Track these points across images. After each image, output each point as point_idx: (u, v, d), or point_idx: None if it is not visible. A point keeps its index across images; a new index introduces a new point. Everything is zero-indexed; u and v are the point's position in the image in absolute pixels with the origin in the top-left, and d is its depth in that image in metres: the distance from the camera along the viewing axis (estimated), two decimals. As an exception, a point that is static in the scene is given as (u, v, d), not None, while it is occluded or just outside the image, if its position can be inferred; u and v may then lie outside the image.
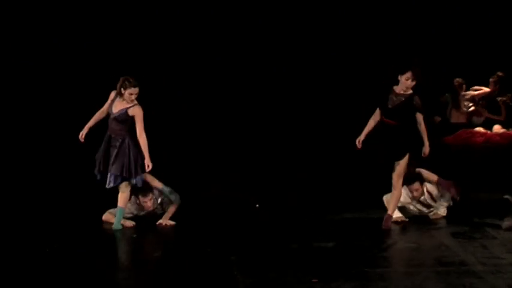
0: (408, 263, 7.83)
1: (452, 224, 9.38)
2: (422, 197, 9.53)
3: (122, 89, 8.96)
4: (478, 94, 12.65)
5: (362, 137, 9.11)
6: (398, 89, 8.97)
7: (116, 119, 9.01)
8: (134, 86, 8.96)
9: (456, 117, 12.67)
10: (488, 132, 12.29)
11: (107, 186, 9.09)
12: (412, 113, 8.90)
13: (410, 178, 9.31)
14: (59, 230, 9.13)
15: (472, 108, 12.57)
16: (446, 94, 12.82)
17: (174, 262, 7.93)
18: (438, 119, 12.84)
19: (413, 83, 8.90)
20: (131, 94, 8.95)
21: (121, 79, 9.03)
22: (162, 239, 9.08)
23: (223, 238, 8.85)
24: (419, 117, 8.91)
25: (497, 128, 12.24)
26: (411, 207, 9.61)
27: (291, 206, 10.55)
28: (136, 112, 8.99)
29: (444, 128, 12.46)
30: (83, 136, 9.05)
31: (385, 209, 9.33)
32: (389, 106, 8.93)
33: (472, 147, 11.68)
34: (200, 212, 9.86)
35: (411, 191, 9.45)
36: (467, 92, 12.78)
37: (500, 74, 12.08)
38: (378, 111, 9.09)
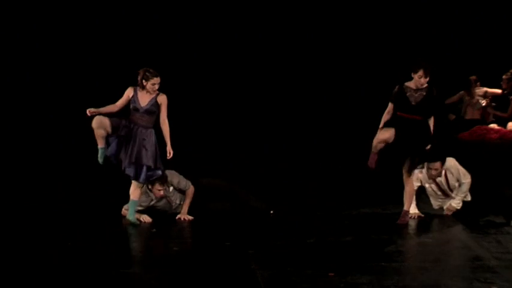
0: (423, 257, 7.88)
1: (466, 219, 9.44)
2: (438, 179, 9.57)
3: (144, 81, 9.08)
4: (492, 92, 12.69)
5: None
6: (413, 85, 9.03)
7: (146, 111, 9.10)
8: (156, 76, 9.10)
9: (471, 114, 12.70)
10: (503, 129, 12.34)
11: (140, 180, 9.16)
12: (434, 105, 9.00)
13: (434, 156, 9.38)
14: (78, 226, 9.21)
15: (484, 103, 12.60)
16: (461, 91, 12.86)
17: (193, 256, 8.05)
18: (452, 116, 12.89)
19: (426, 79, 8.98)
20: (154, 84, 9.08)
21: (141, 72, 9.13)
22: (181, 233, 9.17)
23: (241, 232, 8.95)
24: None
25: (511, 125, 12.27)
26: (427, 185, 9.67)
27: (308, 201, 10.62)
28: (164, 100, 9.17)
29: (459, 125, 12.52)
30: (91, 113, 9.04)
31: (401, 204, 9.39)
32: (413, 103, 8.97)
33: (487, 144, 11.73)
34: (217, 207, 9.90)
35: (430, 168, 9.50)
36: (481, 89, 12.83)
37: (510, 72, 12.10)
38: (391, 107, 9.11)
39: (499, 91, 12.54)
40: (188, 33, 14.56)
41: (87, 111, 9.04)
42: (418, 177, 9.60)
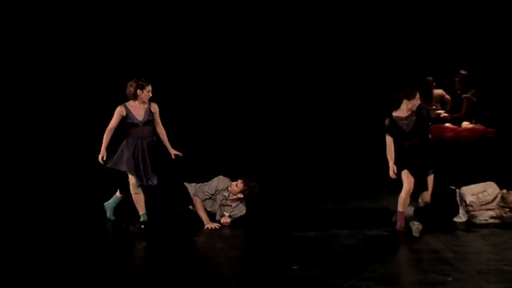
0: (383, 250, 8.09)
1: (424, 213, 9.61)
2: None
3: (139, 90, 9.20)
4: (447, 99, 13.02)
5: (392, 167, 9.04)
6: (403, 112, 9.05)
7: (146, 123, 9.26)
8: (148, 83, 9.29)
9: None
10: (458, 127, 12.67)
11: (152, 183, 9.27)
12: (426, 124, 9.23)
13: None
14: (80, 229, 9.21)
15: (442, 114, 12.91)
16: (420, 92, 13.15)
17: (157, 254, 8.26)
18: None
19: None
20: (149, 91, 9.25)
21: (132, 83, 9.23)
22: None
23: (210, 229, 9.19)
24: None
25: (466, 124, 12.61)
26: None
27: (275, 197, 10.81)
28: (156, 107, 9.37)
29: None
30: (104, 157, 9.18)
31: (364, 200, 9.59)
32: (407, 131, 9.03)
33: (442, 142, 12.05)
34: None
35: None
36: (438, 90, 13.17)
37: (463, 72, 12.41)
38: (391, 140, 9.06)
39: (450, 98, 12.87)
40: (188, 33, 14.62)
41: (100, 160, 9.14)
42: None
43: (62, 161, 12.73)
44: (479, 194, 9.24)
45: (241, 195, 9.45)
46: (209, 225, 9.21)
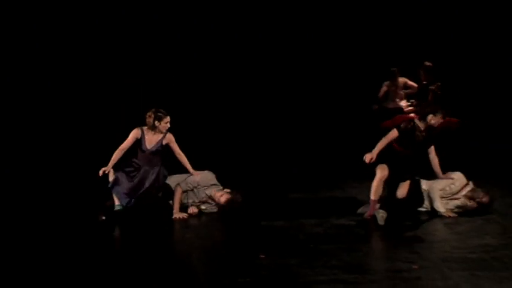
0: (350, 239, 8.19)
1: (391, 203, 9.70)
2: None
3: (157, 121, 9.26)
4: (411, 85, 13.18)
5: (373, 154, 8.99)
6: (423, 125, 9.11)
7: (152, 153, 9.32)
8: (167, 115, 9.36)
9: (394, 103, 13.15)
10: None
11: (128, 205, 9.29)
12: (431, 142, 9.29)
13: None
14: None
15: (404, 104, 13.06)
16: (386, 82, 13.32)
17: (126, 244, 8.31)
18: (376, 106, 13.36)
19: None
20: (167, 123, 9.33)
21: (152, 113, 9.29)
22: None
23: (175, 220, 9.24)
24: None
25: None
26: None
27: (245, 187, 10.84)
28: (172, 138, 9.42)
29: (382, 114, 12.99)
30: (104, 171, 9.18)
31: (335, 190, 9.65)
32: (417, 141, 9.08)
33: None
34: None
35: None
36: (402, 79, 13.33)
37: (428, 64, 12.55)
38: (395, 135, 9.11)
39: (415, 85, 13.02)
40: (188, 33, 14.63)
41: (100, 172, 9.15)
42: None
43: (61, 161, 12.72)
44: (446, 187, 9.36)
45: (222, 204, 9.49)
46: (177, 215, 9.25)
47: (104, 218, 9.09)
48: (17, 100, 13.72)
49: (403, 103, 12.91)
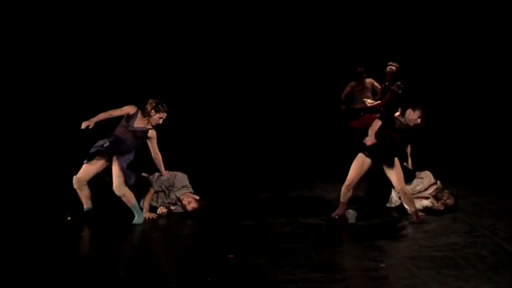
0: (318, 239, 8.21)
1: (356, 202, 9.73)
2: None
3: (153, 111, 9.17)
4: (377, 86, 13.28)
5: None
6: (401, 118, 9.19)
7: (134, 132, 9.14)
8: (166, 112, 9.26)
9: (360, 104, 13.22)
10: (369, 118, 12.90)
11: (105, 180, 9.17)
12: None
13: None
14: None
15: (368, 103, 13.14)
16: (352, 83, 13.39)
17: (93, 243, 8.28)
18: (344, 107, 13.43)
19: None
20: (161, 118, 9.23)
21: (154, 102, 9.21)
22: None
23: (146, 220, 9.20)
24: None
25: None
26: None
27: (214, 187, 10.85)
28: (155, 134, 9.29)
29: (350, 114, 13.06)
30: (86, 127, 8.88)
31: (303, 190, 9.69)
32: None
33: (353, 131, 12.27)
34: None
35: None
36: (369, 79, 13.42)
37: (393, 64, 12.63)
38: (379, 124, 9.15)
39: (379, 86, 13.12)
40: (188, 33, 14.60)
41: (83, 125, 8.86)
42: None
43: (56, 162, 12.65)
44: (416, 186, 9.42)
45: (187, 210, 9.46)
46: (147, 215, 9.22)
47: (69, 218, 9.03)
48: (15, 100, 13.66)
49: (369, 102, 13.00)
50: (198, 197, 9.49)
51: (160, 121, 9.28)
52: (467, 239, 8.07)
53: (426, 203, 9.33)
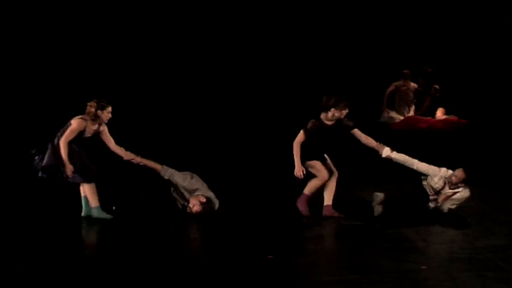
0: (357, 240, 8.22)
1: (397, 204, 9.71)
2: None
3: (99, 111, 9.03)
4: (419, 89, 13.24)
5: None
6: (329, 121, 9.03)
7: (87, 140, 9.17)
8: (109, 105, 9.14)
9: (403, 108, 13.21)
10: (431, 119, 12.88)
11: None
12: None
13: None
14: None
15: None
16: (396, 83, 13.37)
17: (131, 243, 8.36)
18: (383, 107, 13.44)
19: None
20: (109, 112, 9.13)
21: (93, 104, 9.03)
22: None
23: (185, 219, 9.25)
24: None
25: (439, 114, 12.82)
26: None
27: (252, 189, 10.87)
28: (106, 129, 9.23)
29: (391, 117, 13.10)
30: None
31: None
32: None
33: (416, 133, 12.26)
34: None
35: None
36: (413, 84, 13.41)
37: (426, 68, 12.61)
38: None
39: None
40: (188, 33, 14.69)
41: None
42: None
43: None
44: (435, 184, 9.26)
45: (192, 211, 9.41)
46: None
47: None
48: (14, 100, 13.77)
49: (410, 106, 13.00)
50: (205, 200, 9.39)
51: (110, 115, 9.15)
52: (507, 241, 8.02)
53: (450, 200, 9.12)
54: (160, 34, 14.60)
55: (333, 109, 8.86)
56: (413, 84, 13.34)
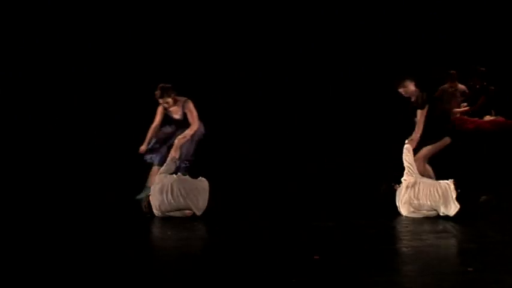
0: (398, 239, 8.31)
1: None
2: None
3: (173, 95, 10.14)
4: (466, 92, 13.14)
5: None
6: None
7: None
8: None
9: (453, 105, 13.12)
10: (478, 119, 12.77)
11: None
12: None
13: None
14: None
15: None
16: (445, 85, 13.28)
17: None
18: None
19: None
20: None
21: (170, 89, 10.13)
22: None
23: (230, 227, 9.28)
24: None
25: (487, 116, 12.71)
26: None
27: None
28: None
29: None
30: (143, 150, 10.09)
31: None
32: None
33: (463, 133, 12.14)
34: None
35: None
36: (460, 85, 13.31)
37: (480, 69, 12.51)
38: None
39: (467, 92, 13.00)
40: (188, 33, 14.75)
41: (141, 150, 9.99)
42: None
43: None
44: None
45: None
46: None
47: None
48: (14, 100, 13.83)
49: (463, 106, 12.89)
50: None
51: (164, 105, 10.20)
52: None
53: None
54: (160, 34, 14.63)
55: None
56: (461, 86, 13.22)
